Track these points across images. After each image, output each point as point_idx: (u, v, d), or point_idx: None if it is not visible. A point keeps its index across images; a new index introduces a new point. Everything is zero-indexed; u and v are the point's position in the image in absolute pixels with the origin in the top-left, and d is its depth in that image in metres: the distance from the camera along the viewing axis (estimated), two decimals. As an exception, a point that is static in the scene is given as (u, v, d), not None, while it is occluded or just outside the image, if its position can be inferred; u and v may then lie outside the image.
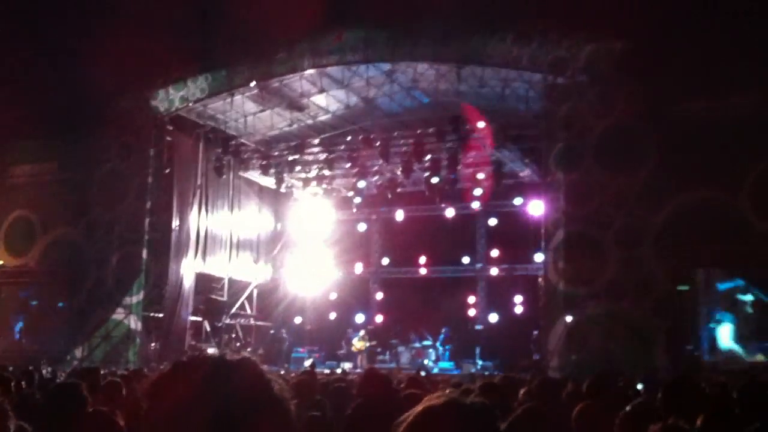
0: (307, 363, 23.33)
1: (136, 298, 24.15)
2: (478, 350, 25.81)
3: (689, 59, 18.61)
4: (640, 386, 10.45)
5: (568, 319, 19.50)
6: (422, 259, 28.99)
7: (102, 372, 9.45)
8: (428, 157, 24.34)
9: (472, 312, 28.36)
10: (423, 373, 11.78)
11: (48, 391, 6.14)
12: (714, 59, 18.33)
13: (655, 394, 7.06)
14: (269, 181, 27.44)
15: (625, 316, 18.86)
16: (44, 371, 14.53)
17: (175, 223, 25.00)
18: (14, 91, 27.69)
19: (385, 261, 30.53)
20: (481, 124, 23.01)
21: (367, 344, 26.65)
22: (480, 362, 25.22)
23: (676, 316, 18.69)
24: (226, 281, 27.31)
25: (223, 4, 26.36)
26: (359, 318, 29.33)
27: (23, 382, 8.92)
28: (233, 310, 27.65)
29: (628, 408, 5.00)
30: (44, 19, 29.18)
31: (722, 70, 18.27)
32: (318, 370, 19.83)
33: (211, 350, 24.72)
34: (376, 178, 27.20)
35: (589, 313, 19.26)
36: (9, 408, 3.52)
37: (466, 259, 28.89)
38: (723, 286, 19.04)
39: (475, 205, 27.13)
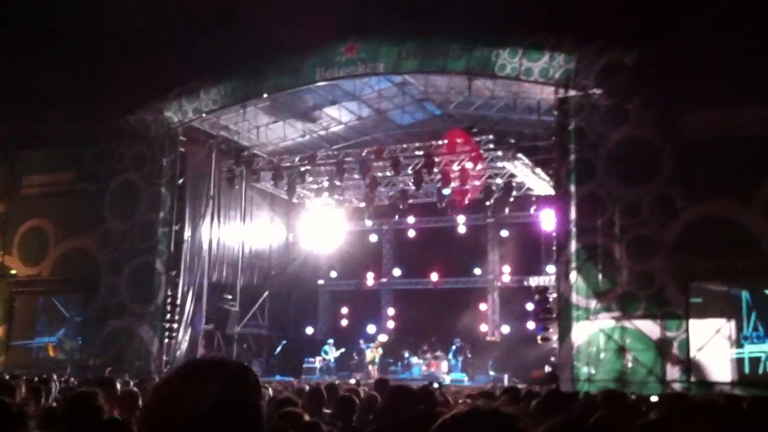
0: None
1: (149, 308, 24.25)
2: (490, 362, 25.82)
3: (701, 71, 18.62)
4: (654, 398, 10.44)
5: (580, 331, 19.47)
6: (434, 271, 29.00)
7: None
8: (439, 168, 24.39)
9: (483, 323, 28.35)
10: (436, 385, 11.75)
11: (64, 399, 6.20)
12: (727, 72, 18.34)
13: (667, 407, 7.10)
14: (281, 192, 27.54)
15: (636, 328, 18.83)
16: (57, 380, 14.59)
17: (188, 233, 25.11)
18: (28, 101, 27.96)
19: (397, 272, 30.57)
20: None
21: (378, 355, 26.71)
22: (492, 374, 25.22)
23: (689, 328, 18.62)
24: (238, 291, 27.37)
25: (236, 17, 26.56)
26: (371, 329, 29.37)
27: (37, 391, 8.99)
28: (245, 320, 27.70)
29: (640, 422, 5.02)
30: (60, 30, 29.44)
31: (735, 83, 18.27)
32: (329, 380, 19.87)
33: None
34: (387, 189, 27.29)
35: (600, 325, 19.23)
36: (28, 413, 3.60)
37: (477, 271, 28.91)
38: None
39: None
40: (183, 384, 1.87)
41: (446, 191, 24.91)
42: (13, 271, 27.10)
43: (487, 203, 25.81)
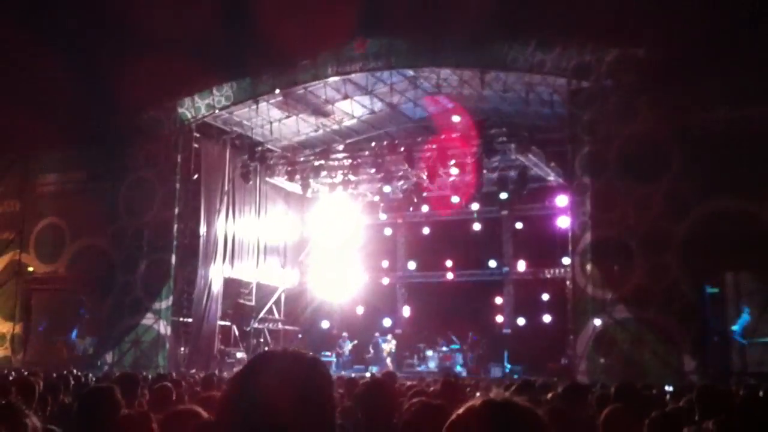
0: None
1: (165, 304, 24.38)
2: (506, 354, 25.76)
3: (712, 67, 18.51)
4: (669, 388, 10.41)
5: (596, 323, 19.43)
6: (448, 263, 28.94)
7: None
8: (453, 161, 24.33)
9: (499, 316, 28.29)
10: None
11: (82, 395, 6.23)
12: (737, 67, 18.22)
13: (683, 399, 7.07)
14: (295, 187, 27.57)
15: (652, 320, 18.75)
16: (75, 376, 14.69)
17: (203, 229, 25.18)
18: (42, 101, 28.13)
19: (412, 265, 30.52)
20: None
21: (392, 347, 26.78)
22: (508, 366, 25.17)
23: (704, 319, 18.54)
24: (254, 286, 27.44)
25: (248, 14, 26.59)
26: (386, 322, 29.38)
27: (56, 388, 9.05)
28: (261, 315, 27.77)
29: (655, 413, 5.02)
30: (72, 30, 29.56)
31: (745, 79, 18.14)
32: (345, 374, 19.91)
33: (240, 354, 24.91)
34: (401, 183, 27.25)
35: (616, 317, 19.18)
36: (25, 408, 3.59)
37: (492, 263, 28.81)
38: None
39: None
40: (258, 376, 1.93)
41: (460, 184, 24.89)
42: (30, 269, 27.29)
43: (502, 195, 25.70)
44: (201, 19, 27.02)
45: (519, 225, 28.15)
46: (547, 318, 26.27)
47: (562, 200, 23.76)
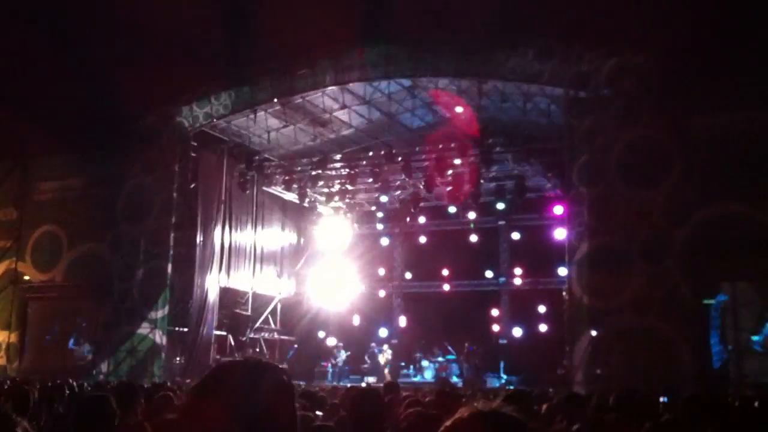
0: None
1: (161, 313, 24.29)
2: (502, 364, 25.74)
3: (711, 73, 18.55)
4: (663, 399, 10.39)
5: (593, 333, 19.40)
6: (445, 273, 28.95)
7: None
8: (450, 171, 24.36)
9: (495, 326, 28.27)
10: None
11: (77, 404, 6.21)
12: (736, 73, 18.26)
13: (678, 409, 7.06)
14: (292, 196, 27.58)
15: (650, 330, 18.73)
16: (71, 385, 14.61)
17: (200, 238, 25.14)
18: (41, 108, 28.11)
19: (408, 275, 30.52)
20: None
21: (389, 357, 26.72)
22: (505, 377, 25.14)
23: (702, 329, 18.52)
24: (250, 296, 27.41)
25: (247, 22, 26.63)
26: (382, 332, 29.33)
27: (48, 397, 9.02)
28: (257, 325, 27.73)
29: (650, 423, 5.01)
30: (72, 36, 29.58)
31: (745, 83, 18.19)
32: (342, 384, 19.89)
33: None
34: (398, 192, 27.26)
35: (614, 327, 19.14)
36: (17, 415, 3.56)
37: (489, 273, 28.82)
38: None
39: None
40: (218, 385, 1.93)
41: (457, 194, 24.89)
42: (27, 277, 27.22)
43: (499, 205, 25.75)
44: (200, 27, 27.01)
45: (516, 235, 28.20)
46: (543, 328, 26.27)
47: (559, 210, 23.78)
